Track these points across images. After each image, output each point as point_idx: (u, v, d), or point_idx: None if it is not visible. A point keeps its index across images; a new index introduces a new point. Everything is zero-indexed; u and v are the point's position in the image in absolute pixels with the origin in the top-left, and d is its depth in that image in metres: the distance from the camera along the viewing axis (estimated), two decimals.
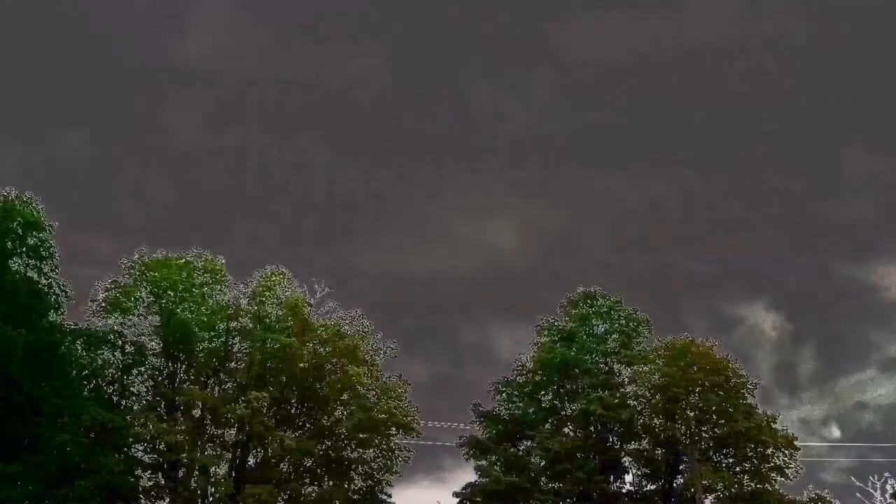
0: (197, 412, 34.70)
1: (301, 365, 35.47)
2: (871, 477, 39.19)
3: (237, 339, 36.16)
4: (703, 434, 37.91)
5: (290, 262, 42.59)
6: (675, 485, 37.95)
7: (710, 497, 36.49)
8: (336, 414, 36.47)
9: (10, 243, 31.04)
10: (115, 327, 35.05)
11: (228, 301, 36.48)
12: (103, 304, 35.13)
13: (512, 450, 39.06)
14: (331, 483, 35.54)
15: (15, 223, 31.14)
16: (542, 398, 39.89)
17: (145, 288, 35.24)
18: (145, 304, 35.38)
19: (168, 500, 33.47)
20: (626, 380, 39.45)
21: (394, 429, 35.98)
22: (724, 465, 37.68)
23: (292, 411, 36.70)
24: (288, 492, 33.93)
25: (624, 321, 40.87)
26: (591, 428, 38.79)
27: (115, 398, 34.68)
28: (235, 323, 35.92)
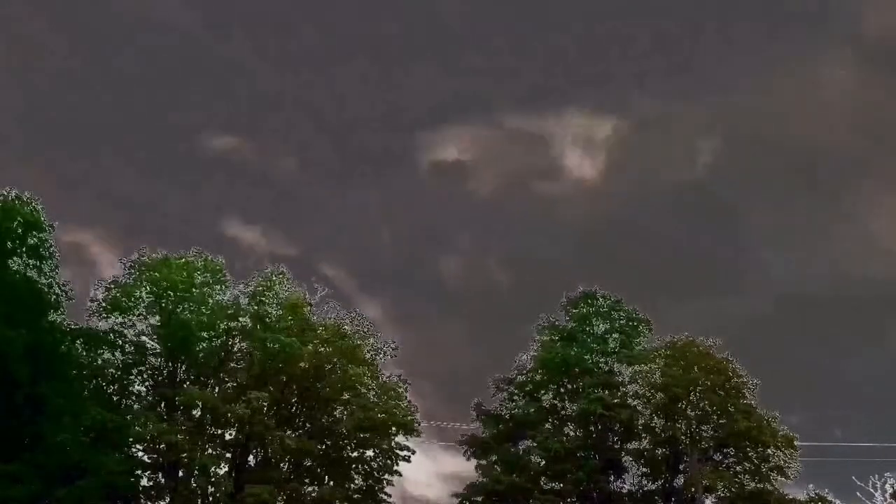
0: (197, 412, 34.70)
1: (301, 365, 35.41)
2: (871, 477, 39.09)
3: (237, 339, 36.12)
4: (704, 434, 37.89)
5: None
6: (675, 484, 37.92)
7: (710, 497, 36.54)
8: (336, 414, 36.47)
9: (10, 243, 31.02)
10: (115, 327, 35.11)
11: (228, 301, 36.48)
12: (103, 304, 35.13)
13: (512, 450, 39.05)
14: (331, 483, 35.48)
15: (15, 223, 31.11)
16: (543, 398, 39.82)
17: (145, 288, 35.17)
18: (145, 304, 35.32)
19: (168, 500, 33.51)
20: (627, 379, 39.42)
21: (394, 428, 35.97)
22: (724, 464, 37.71)
23: (292, 411, 36.66)
24: (288, 492, 33.97)
25: (624, 321, 40.81)
26: (592, 428, 38.78)
27: (115, 398, 34.73)
28: (235, 323, 35.88)
